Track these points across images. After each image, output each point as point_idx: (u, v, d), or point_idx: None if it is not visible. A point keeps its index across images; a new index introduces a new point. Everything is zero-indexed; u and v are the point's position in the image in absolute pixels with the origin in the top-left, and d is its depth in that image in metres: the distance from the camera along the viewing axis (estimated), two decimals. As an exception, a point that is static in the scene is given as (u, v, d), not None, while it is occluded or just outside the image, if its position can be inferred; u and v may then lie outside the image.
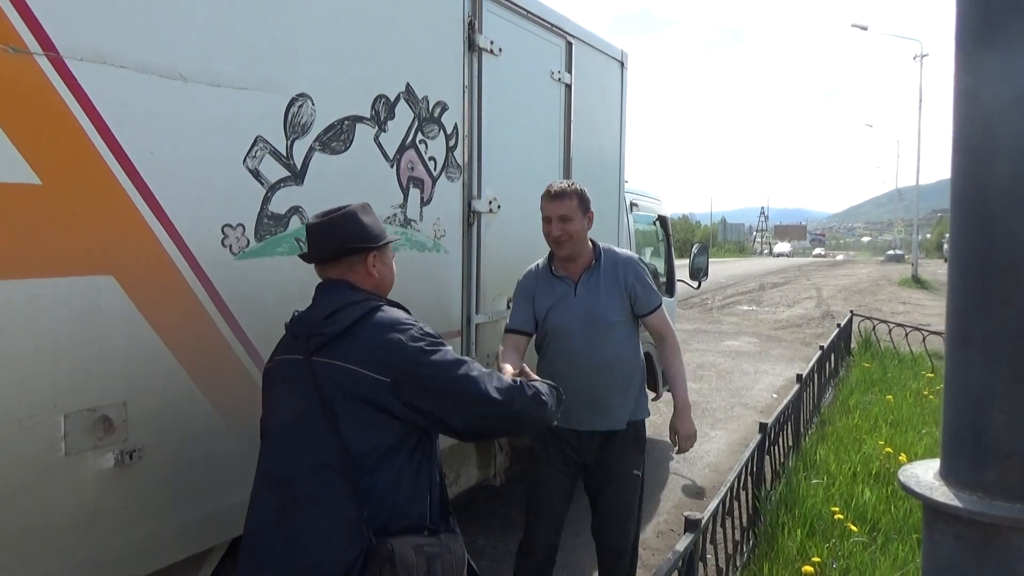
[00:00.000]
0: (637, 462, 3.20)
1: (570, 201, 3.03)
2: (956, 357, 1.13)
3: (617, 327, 3.11)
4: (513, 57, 3.70)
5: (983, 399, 1.08)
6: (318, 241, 2.09)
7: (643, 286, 3.15)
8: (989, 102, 1.06)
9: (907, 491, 1.13)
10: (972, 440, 1.10)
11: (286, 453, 1.93)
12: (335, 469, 1.84)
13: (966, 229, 1.11)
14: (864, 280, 31.20)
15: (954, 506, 1.06)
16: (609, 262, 3.15)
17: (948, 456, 1.15)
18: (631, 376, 3.17)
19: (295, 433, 1.92)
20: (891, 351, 10.62)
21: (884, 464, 5.53)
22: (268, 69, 2.38)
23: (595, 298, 3.08)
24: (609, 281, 3.10)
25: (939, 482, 1.13)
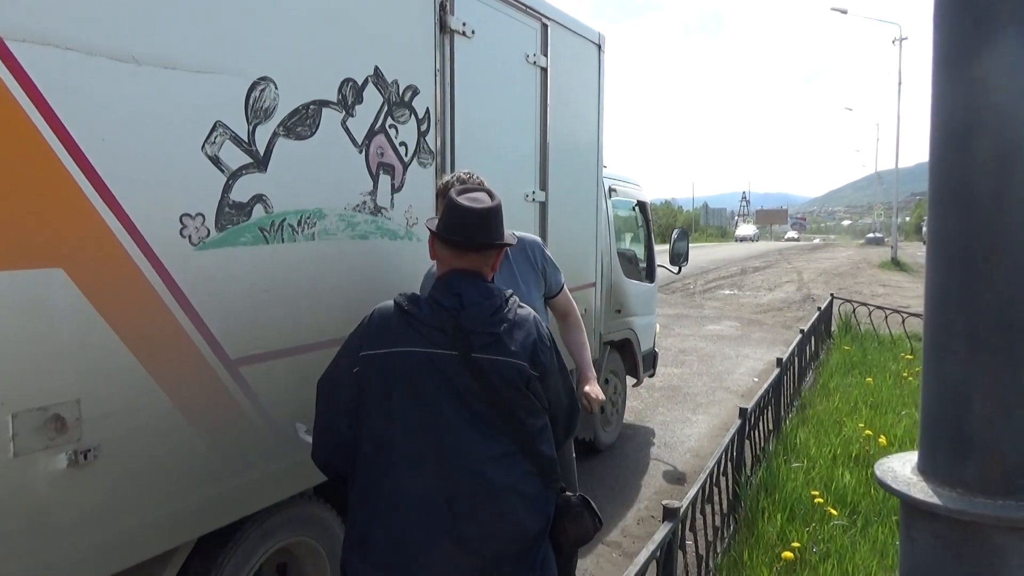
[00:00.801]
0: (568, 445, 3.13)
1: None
2: (935, 345, 1.08)
3: (540, 311, 3.01)
4: (487, 40, 3.61)
5: (963, 390, 1.03)
6: (473, 228, 2.09)
7: (551, 267, 3.09)
8: (970, 77, 1.00)
9: (884, 487, 1.09)
10: (952, 433, 1.05)
11: (461, 446, 1.95)
12: (519, 453, 1.99)
13: (945, 211, 1.05)
14: (844, 263, 31.42)
15: (932, 503, 1.01)
16: (517, 246, 2.96)
17: (926, 449, 1.10)
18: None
19: (470, 426, 1.96)
20: (871, 333, 10.67)
21: (864, 447, 5.55)
22: (227, 52, 2.29)
23: (514, 284, 2.92)
24: (522, 264, 3.00)
25: (917, 477, 1.08)
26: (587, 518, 2.12)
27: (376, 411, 2.00)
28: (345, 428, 2.04)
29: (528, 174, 4.14)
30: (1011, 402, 1.01)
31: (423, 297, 2.10)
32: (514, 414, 1.99)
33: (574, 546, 2.12)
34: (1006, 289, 1.00)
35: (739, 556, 3.85)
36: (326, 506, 2.93)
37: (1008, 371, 1.01)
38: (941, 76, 1.06)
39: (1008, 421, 1.01)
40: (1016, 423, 1.01)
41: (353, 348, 2.07)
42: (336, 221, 2.73)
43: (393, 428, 1.97)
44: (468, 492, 1.93)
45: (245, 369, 2.40)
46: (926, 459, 1.09)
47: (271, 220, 2.46)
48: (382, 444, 1.98)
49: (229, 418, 2.37)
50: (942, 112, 1.06)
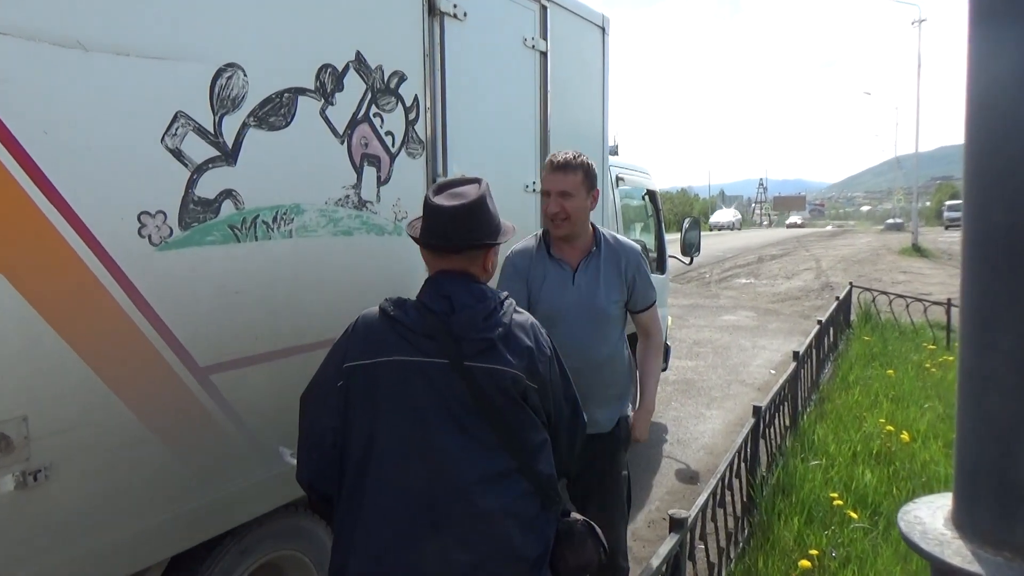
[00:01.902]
0: (623, 462, 2.97)
1: (574, 175, 2.77)
2: (974, 373, 0.88)
3: (612, 321, 2.88)
4: (480, 22, 3.42)
5: (1010, 428, 0.83)
6: (447, 228, 1.92)
7: (643, 281, 2.93)
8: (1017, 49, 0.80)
9: (911, 545, 0.89)
10: (996, 481, 0.85)
11: (452, 466, 1.78)
12: (517, 471, 1.83)
13: (986, 206, 0.85)
14: (864, 250, 30.93)
15: (974, 573, 0.81)
16: (610, 250, 2.89)
17: (963, 499, 0.90)
18: (623, 374, 2.95)
19: (462, 443, 1.79)
20: (892, 323, 10.40)
21: (885, 443, 5.33)
22: (188, 36, 2.12)
23: (594, 288, 2.83)
24: (610, 271, 2.86)
25: (952, 533, 0.89)
26: (590, 545, 1.94)
27: (361, 427, 1.84)
28: (330, 446, 1.88)
29: (528, 164, 3.95)
30: (1072, 443, 0.82)
31: (410, 301, 1.93)
32: (510, 428, 1.83)
33: (574, 574, 1.91)
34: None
35: (753, 563, 3.67)
36: (313, 517, 2.78)
37: (1068, 403, 0.82)
38: (979, 35, 0.86)
39: (1068, 467, 0.82)
40: (1078, 469, 0.82)
41: (337, 359, 1.91)
42: (316, 217, 2.57)
43: (379, 445, 1.81)
44: (458, 516, 1.76)
45: (216, 377, 2.25)
46: (963, 511, 0.90)
47: (242, 217, 2.30)
48: (367, 463, 1.81)
49: (200, 429, 2.22)
50: (981, 81, 0.86)
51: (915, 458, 5.08)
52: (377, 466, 1.80)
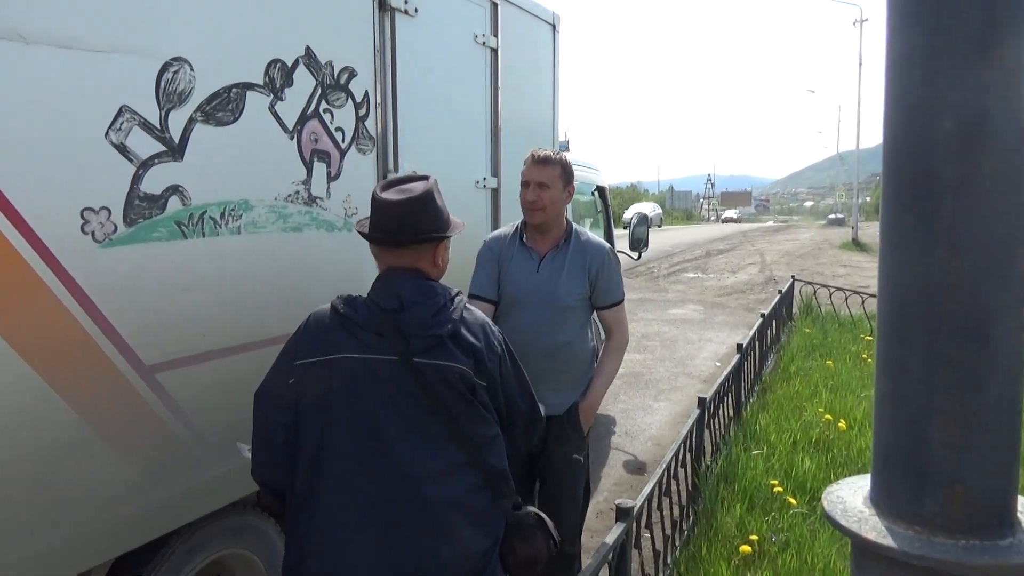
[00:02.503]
0: (577, 446, 3.04)
1: (553, 169, 2.95)
2: (888, 360, 0.95)
3: (572, 312, 2.99)
4: (431, 18, 3.43)
5: (920, 413, 0.90)
6: (394, 222, 1.93)
7: (608, 277, 3.03)
8: (931, 44, 0.87)
9: (832, 523, 0.96)
10: (908, 461, 0.92)
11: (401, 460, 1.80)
12: (466, 465, 1.85)
13: (900, 204, 0.92)
14: (806, 244, 31.77)
15: (887, 546, 0.88)
16: (579, 245, 3.03)
17: (880, 478, 0.97)
18: (579, 362, 3.06)
19: (411, 438, 1.81)
20: (831, 315, 10.74)
21: (824, 431, 5.53)
22: (134, 30, 2.09)
23: (557, 278, 2.97)
24: (575, 264, 2.99)
25: (869, 510, 0.96)
26: (539, 538, 1.97)
27: (312, 425, 1.85)
28: (282, 443, 1.90)
29: (479, 160, 3.98)
30: (974, 427, 0.89)
31: (360, 299, 1.94)
32: (460, 423, 1.85)
33: (524, 567, 1.94)
34: (971, 294, 0.88)
35: (697, 550, 3.78)
36: (262, 515, 2.77)
37: (971, 391, 0.89)
38: (897, 41, 0.92)
39: (971, 450, 0.89)
40: (980, 452, 0.89)
41: (288, 357, 1.93)
42: (265, 213, 2.55)
43: (330, 443, 1.83)
44: (408, 510, 1.79)
45: (163, 375, 2.22)
46: (880, 490, 0.97)
47: (189, 213, 2.27)
48: (318, 460, 1.83)
49: (145, 429, 2.20)
50: (898, 84, 0.93)
51: (852, 445, 5.28)
52: (329, 463, 1.82)
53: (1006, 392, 0.89)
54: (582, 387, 3.07)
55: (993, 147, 0.87)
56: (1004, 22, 0.84)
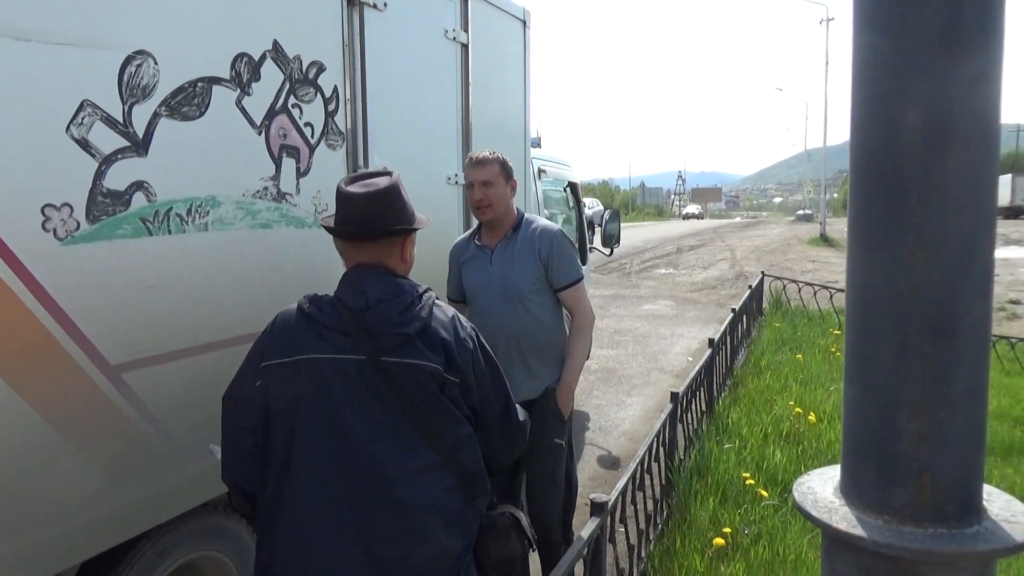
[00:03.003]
0: (558, 430, 3.08)
1: (492, 167, 3.10)
2: (857, 352, 0.96)
3: (530, 297, 3.07)
4: (400, 13, 3.40)
5: (889, 403, 0.91)
6: (360, 215, 1.91)
7: (559, 259, 3.09)
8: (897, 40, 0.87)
9: (803, 513, 0.97)
10: (877, 452, 0.93)
11: (374, 461, 1.77)
12: (440, 465, 1.82)
13: (868, 197, 0.93)
14: (776, 240, 32.16)
15: (857, 535, 0.89)
16: (528, 232, 3.14)
17: (850, 468, 0.98)
18: (547, 345, 3.12)
19: (383, 439, 1.78)
20: (801, 309, 10.89)
21: (794, 424, 5.60)
22: (95, 22, 2.04)
23: (508, 266, 3.10)
24: (525, 249, 3.11)
25: (839, 501, 0.97)
26: (514, 538, 1.95)
27: (281, 427, 1.82)
28: (251, 446, 1.87)
29: (450, 156, 3.96)
30: (942, 418, 0.90)
31: (327, 297, 1.91)
32: (432, 423, 1.82)
33: (499, 567, 1.92)
34: (937, 287, 0.89)
35: (671, 544, 3.80)
36: (233, 516, 2.73)
37: (939, 382, 0.90)
38: (863, 37, 0.93)
39: (939, 439, 0.90)
40: (948, 442, 0.90)
41: (255, 359, 1.90)
42: (233, 209, 2.51)
43: (299, 445, 1.80)
44: (381, 512, 1.76)
45: (129, 375, 2.18)
46: (849, 480, 0.98)
47: (155, 209, 2.23)
48: (288, 462, 1.80)
49: (112, 430, 2.15)
50: (864, 80, 0.93)
51: (822, 437, 5.36)
52: (299, 465, 1.79)
53: (972, 383, 0.91)
54: (554, 370, 3.13)
55: (958, 144, 0.88)
56: (970, 20, 0.85)
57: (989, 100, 0.87)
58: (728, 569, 3.61)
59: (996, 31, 0.86)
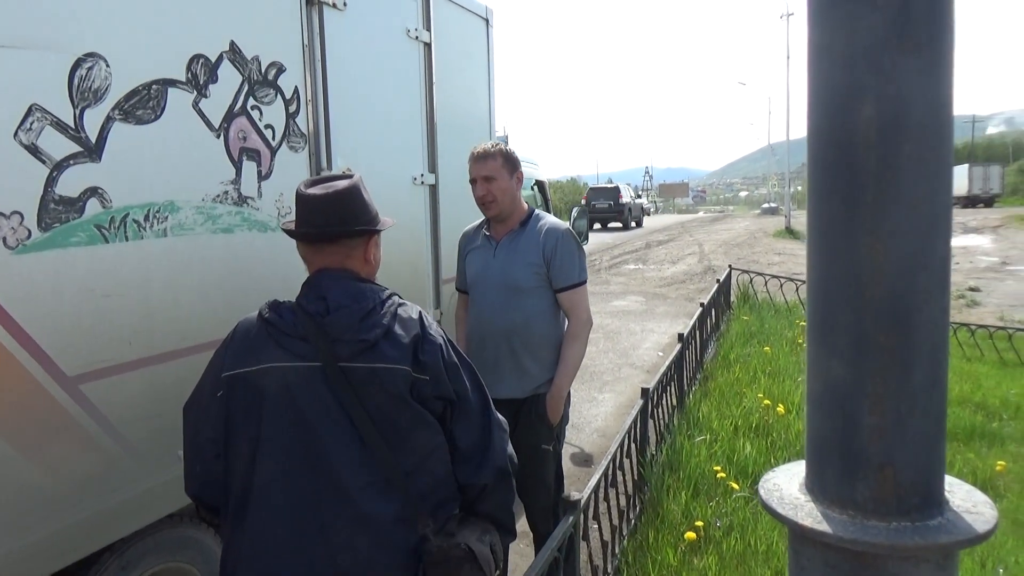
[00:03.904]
0: (544, 435, 3.05)
1: (494, 161, 3.03)
2: (818, 346, 0.96)
3: (529, 293, 3.02)
4: (361, 12, 3.36)
5: (850, 397, 0.92)
6: (320, 217, 1.85)
7: (561, 258, 3.03)
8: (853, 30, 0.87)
9: (769, 511, 0.97)
10: (839, 447, 0.93)
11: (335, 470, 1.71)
12: (405, 474, 1.76)
13: (825, 190, 0.93)
14: (742, 234, 32.52)
15: (822, 531, 0.89)
16: (535, 228, 3.09)
17: (814, 464, 0.98)
18: (540, 345, 3.06)
19: (346, 450, 1.72)
20: (768, 302, 11.02)
21: (763, 417, 5.66)
22: (42, 24, 1.98)
23: (511, 259, 3.06)
24: (529, 245, 3.05)
25: (805, 497, 0.97)
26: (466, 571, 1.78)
27: (244, 437, 1.77)
28: (212, 458, 1.82)
29: (415, 156, 3.93)
30: (902, 411, 0.90)
31: (287, 304, 1.87)
32: (397, 430, 1.76)
33: None
34: (895, 280, 0.89)
35: (645, 539, 3.82)
36: (200, 526, 2.68)
37: (898, 375, 0.90)
38: (817, 30, 0.93)
39: (900, 433, 0.91)
40: (909, 435, 0.91)
41: (216, 368, 1.85)
42: (192, 214, 2.46)
43: (263, 454, 1.75)
44: (344, 522, 1.72)
45: (87, 386, 2.12)
46: (814, 476, 0.98)
47: (110, 216, 2.17)
48: (250, 474, 1.75)
49: (70, 443, 2.09)
50: (819, 74, 0.94)
51: (790, 428, 5.43)
52: (262, 476, 1.75)
53: (931, 375, 0.91)
54: (549, 371, 3.07)
55: (912, 137, 0.88)
56: (920, 13, 0.86)
57: (941, 92, 0.87)
58: (701, 562, 3.64)
59: (946, 24, 0.87)
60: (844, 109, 0.90)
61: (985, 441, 5.60)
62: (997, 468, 4.82)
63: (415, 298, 3.36)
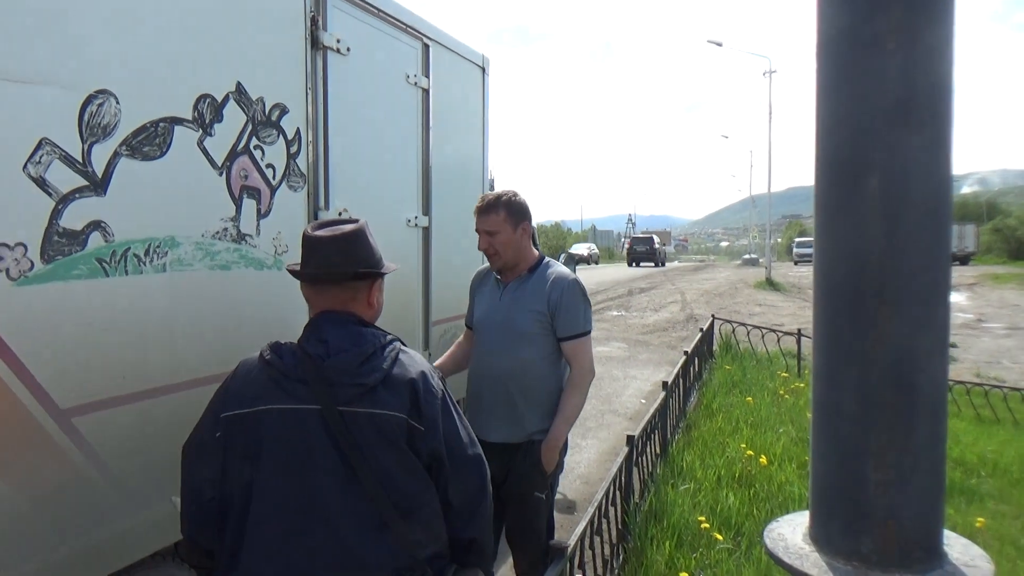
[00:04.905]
0: (537, 483, 3.02)
1: (496, 215, 3.04)
2: (824, 402, 1.00)
3: (529, 339, 3.03)
4: (363, 58, 3.44)
5: (855, 452, 0.95)
6: (326, 259, 1.87)
7: (565, 308, 3.05)
8: (858, 110, 0.93)
9: (775, 559, 0.99)
10: (844, 500, 0.97)
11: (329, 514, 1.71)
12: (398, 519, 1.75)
13: (832, 253, 0.98)
14: (724, 284, 32.82)
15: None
16: (542, 275, 3.11)
17: (818, 515, 1.01)
18: (536, 391, 3.05)
19: (340, 493, 1.72)
20: (749, 352, 11.10)
21: (746, 467, 5.67)
22: (56, 61, 2.02)
23: (515, 306, 3.07)
24: (535, 292, 3.06)
25: (810, 547, 1.00)
26: None
27: (240, 478, 1.77)
28: (208, 500, 1.81)
29: (410, 198, 3.99)
30: (906, 467, 0.94)
31: (289, 345, 1.88)
32: (390, 476, 1.76)
33: None
34: (900, 340, 0.94)
35: (628, 588, 3.79)
36: (183, 567, 2.63)
37: (903, 432, 0.94)
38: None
39: (903, 488, 0.94)
40: (912, 490, 0.94)
41: (215, 409, 1.85)
42: (192, 250, 2.48)
43: (258, 497, 1.75)
44: (337, 566, 1.71)
45: (79, 420, 2.11)
46: (819, 527, 1.01)
47: (112, 249, 2.19)
48: (245, 515, 1.75)
49: (59, 476, 2.07)
50: (828, 143, 0.99)
51: (772, 479, 5.43)
52: (256, 518, 1.74)
53: (933, 432, 0.95)
54: (546, 419, 3.06)
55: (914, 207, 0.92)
56: (922, 98, 0.91)
57: (941, 166, 0.93)
58: (685, 614, 3.61)
59: (946, 107, 0.93)
60: (851, 175, 0.95)
61: (964, 497, 5.63)
62: (977, 524, 4.85)
63: (405, 338, 3.36)
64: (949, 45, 0.94)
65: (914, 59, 0.94)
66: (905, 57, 0.94)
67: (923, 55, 0.94)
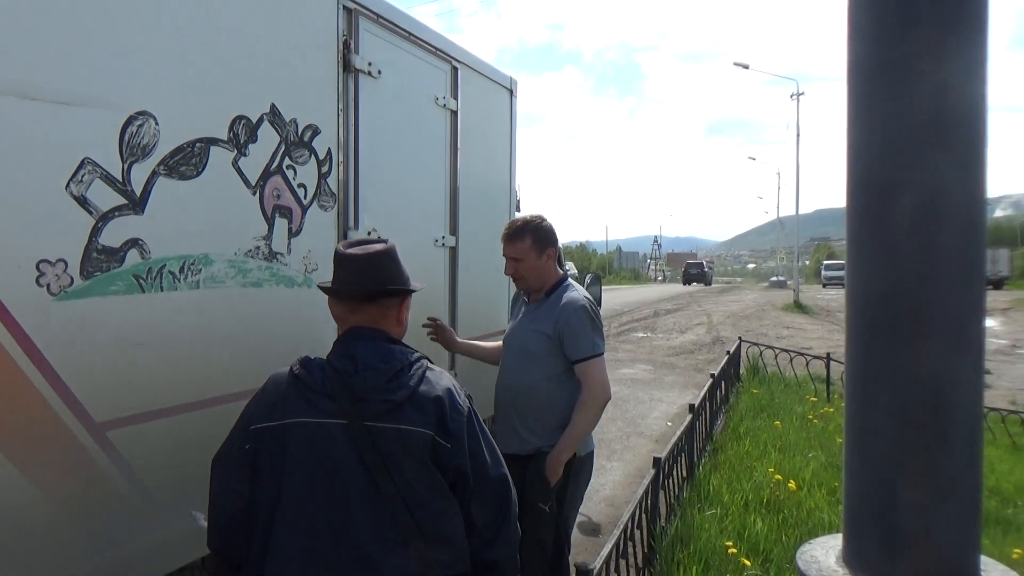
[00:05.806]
0: (542, 494, 3.02)
1: (522, 242, 3.16)
2: (857, 423, 0.99)
3: (538, 358, 3.12)
4: (394, 80, 3.50)
5: (890, 473, 0.94)
6: (357, 276, 1.93)
7: (573, 333, 3.10)
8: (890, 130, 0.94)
9: (808, 583, 0.98)
10: (879, 522, 0.95)
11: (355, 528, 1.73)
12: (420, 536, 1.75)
13: (865, 273, 0.98)
14: (751, 306, 32.52)
15: (864, 606, 0.91)
16: (557, 299, 3.20)
17: (852, 537, 1.00)
18: (542, 410, 3.12)
19: (366, 508, 1.73)
20: (777, 376, 10.95)
21: (774, 492, 5.58)
22: (100, 83, 2.08)
23: (529, 327, 3.20)
24: (547, 315, 3.16)
25: (843, 569, 0.98)
26: None
27: (268, 492, 1.79)
28: (237, 512, 1.83)
29: (438, 218, 4.02)
30: (943, 488, 0.93)
31: (318, 360, 1.90)
32: (414, 492, 1.77)
33: None
34: (934, 360, 0.93)
35: (654, 614, 3.73)
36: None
37: (939, 453, 0.93)
38: (857, 123, 0.99)
39: (939, 510, 0.93)
40: (949, 513, 0.93)
41: (245, 421, 1.88)
42: (225, 267, 2.53)
43: (284, 510, 1.76)
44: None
45: (113, 433, 2.15)
46: (852, 550, 1.00)
47: (148, 266, 2.24)
48: (271, 528, 1.76)
49: (94, 488, 2.11)
50: (859, 163, 0.99)
51: (801, 506, 5.34)
52: (282, 532, 1.76)
53: (969, 453, 0.94)
54: (554, 435, 3.09)
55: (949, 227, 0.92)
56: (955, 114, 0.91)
57: (975, 186, 0.93)
58: (712, 641, 3.54)
59: (979, 127, 0.93)
60: (885, 194, 0.95)
61: (1000, 527, 5.48)
62: (1014, 556, 4.72)
63: (432, 356, 3.39)
64: (982, 65, 0.94)
65: (946, 80, 0.94)
66: (937, 78, 0.94)
67: (955, 75, 0.94)
